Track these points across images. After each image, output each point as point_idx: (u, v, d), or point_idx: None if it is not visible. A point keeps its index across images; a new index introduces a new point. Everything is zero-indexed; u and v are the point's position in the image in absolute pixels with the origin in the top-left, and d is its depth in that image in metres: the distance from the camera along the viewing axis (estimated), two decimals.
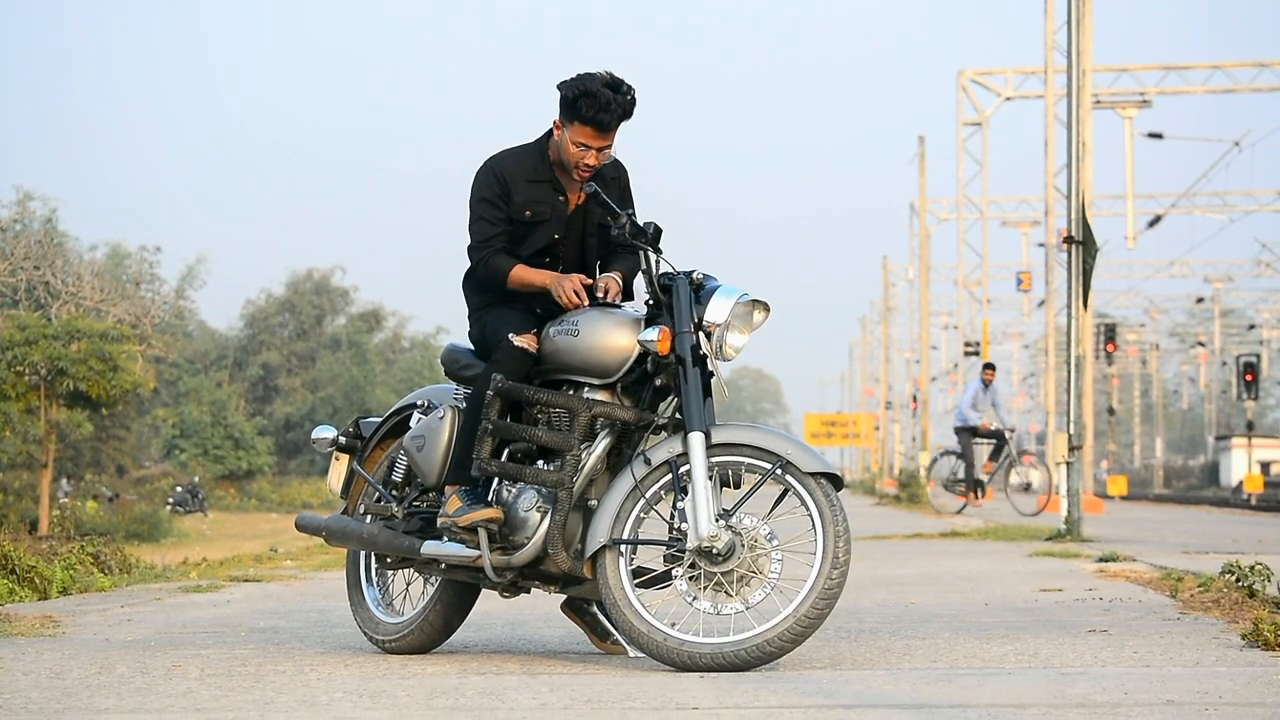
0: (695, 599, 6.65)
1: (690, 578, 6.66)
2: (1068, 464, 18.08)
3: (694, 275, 6.84)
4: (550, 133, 7.22)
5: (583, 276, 7.10)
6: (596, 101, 6.99)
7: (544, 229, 7.22)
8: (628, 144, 7.31)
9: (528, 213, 7.19)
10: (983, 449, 27.77)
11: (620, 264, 7.26)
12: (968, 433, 27.85)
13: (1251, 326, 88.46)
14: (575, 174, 7.16)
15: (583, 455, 6.88)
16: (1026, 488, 27.78)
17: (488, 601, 8.53)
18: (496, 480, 7.06)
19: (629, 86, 7.07)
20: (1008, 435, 27.64)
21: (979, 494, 27.71)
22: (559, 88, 7.10)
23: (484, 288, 7.30)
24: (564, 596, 7.35)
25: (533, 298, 7.21)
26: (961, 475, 27.94)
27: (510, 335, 7.01)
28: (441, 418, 7.27)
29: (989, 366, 28.93)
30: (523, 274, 7.13)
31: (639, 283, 7.04)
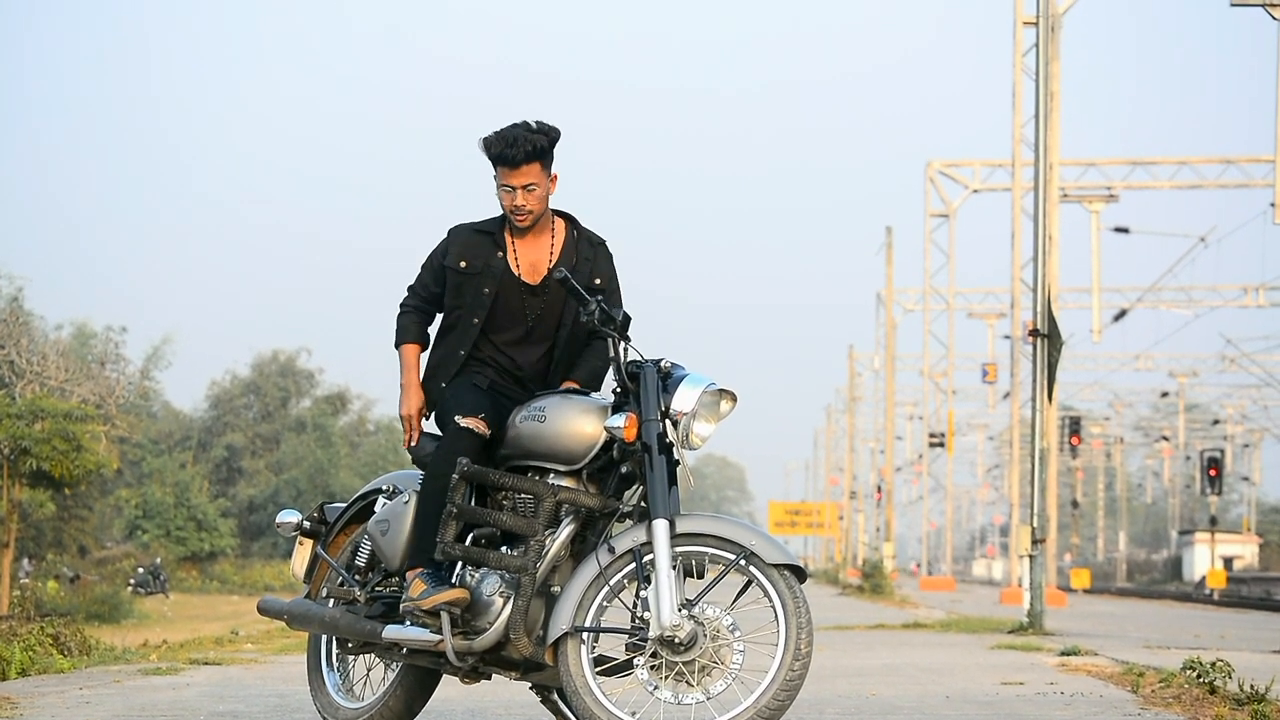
0: (656, 688, 6.63)
1: (652, 667, 6.65)
2: (1030, 557, 18.11)
3: (662, 363, 6.86)
4: None
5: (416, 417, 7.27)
6: (503, 138, 7.11)
7: (477, 280, 7.24)
8: (613, 229, 7.36)
9: (463, 262, 7.25)
10: None
11: (584, 369, 7.28)
12: None
13: (1216, 421, 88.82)
14: (516, 221, 7.22)
15: (547, 541, 6.86)
16: None
17: (448, 688, 8.50)
18: (460, 564, 7.04)
19: (550, 127, 7.16)
20: None
21: None
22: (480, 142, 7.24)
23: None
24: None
25: (493, 370, 7.25)
26: None
27: (457, 418, 7.02)
28: (406, 502, 7.26)
29: None
30: (404, 354, 7.37)
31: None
